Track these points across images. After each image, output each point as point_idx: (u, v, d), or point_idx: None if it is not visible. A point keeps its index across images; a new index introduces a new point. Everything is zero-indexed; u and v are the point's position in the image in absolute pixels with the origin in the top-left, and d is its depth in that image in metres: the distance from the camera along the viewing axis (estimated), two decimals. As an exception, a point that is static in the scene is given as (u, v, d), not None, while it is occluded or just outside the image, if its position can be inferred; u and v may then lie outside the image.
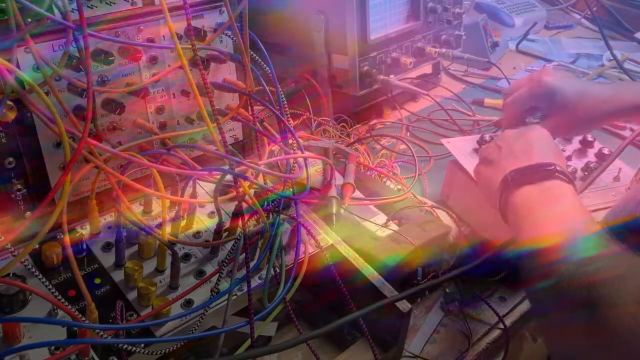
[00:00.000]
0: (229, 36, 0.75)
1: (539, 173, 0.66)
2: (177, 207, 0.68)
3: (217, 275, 0.61)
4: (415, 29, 1.13)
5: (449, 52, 1.17)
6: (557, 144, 0.73)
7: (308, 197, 0.74)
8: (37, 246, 0.58)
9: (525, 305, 0.79)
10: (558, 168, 0.66)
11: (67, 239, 0.54)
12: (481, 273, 0.79)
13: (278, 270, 0.65)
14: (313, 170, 0.85)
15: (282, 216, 0.66)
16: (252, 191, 0.63)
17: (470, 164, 0.87)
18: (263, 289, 0.62)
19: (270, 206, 0.66)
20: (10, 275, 0.58)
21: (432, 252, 0.75)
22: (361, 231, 0.75)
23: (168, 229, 0.66)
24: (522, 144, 0.71)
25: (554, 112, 0.84)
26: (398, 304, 0.64)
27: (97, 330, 0.52)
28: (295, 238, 0.68)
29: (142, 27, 0.68)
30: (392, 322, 0.66)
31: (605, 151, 0.90)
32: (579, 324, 0.53)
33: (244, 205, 0.62)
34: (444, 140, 0.94)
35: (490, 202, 0.72)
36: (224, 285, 0.61)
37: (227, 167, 0.59)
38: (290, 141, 0.73)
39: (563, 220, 0.61)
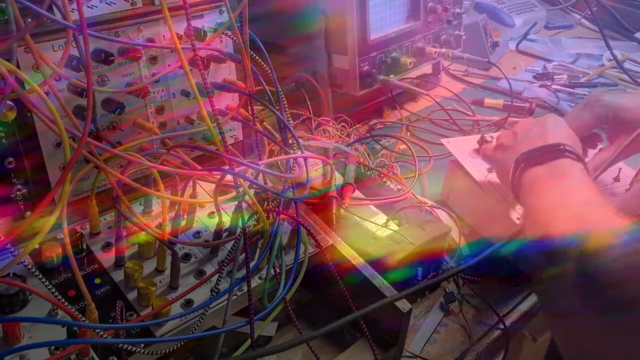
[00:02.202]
0: (229, 36, 0.75)
1: (548, 153, 0.67)
2: (177, 207, 0.68)
3: (217, 275, 0.61)
4: (415, 29, 1.13)
5: (449, 52, 1.17)
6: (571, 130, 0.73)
7: (308, 197, 0.74)
8: (37, 246, 0.58)
9: (525, 305, 0.79)
10: (567, 148, 0.67)
11: (67, 239, 0.54)
12: (481, 273, 0.79)
13: (278, 270, 0.65)
14: (313, 170, 0.85)
15: (282, 216, 0.66)
16: (252, 191, 0.63)
17: (470, 163, 0.87)
18: (263, 289, 0.62)
19: (270, 206, 0.66)
20: (10, 275, 0.58)
21: (432, 252, 0.75)
22: (361, 231, 0.75)
23: (168, 229, 0.66)
24: (537, 129, 0.72)
25: (619, 131, 0.79)
26: (398, 304, 0.64)
27: (97, 330, 0.52)
28: (295, 238, 0.68)
29: (142, 27, 0.68)
30: (392, 322, 0.66)
31: (606, 151, 0.89)
32: (605, 323, 0.51)
33: (244, 205, 0.62)
34: (444, 140, 0.94)
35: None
36: (224, 285, 0.61)
37: (227, 167, 0.59)
38: (290, 141, 0.73)
39: (568, 193, 0.62)
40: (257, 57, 0.72)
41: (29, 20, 0.52)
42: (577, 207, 0.60)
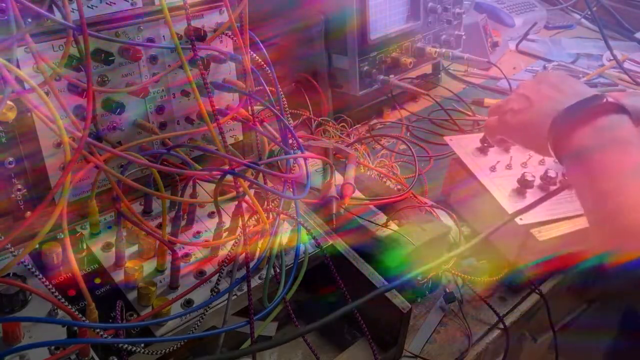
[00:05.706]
0: (229, 36, 0.75)
1: (590, 108, 0.58)
2: (177, 207, 0.68)
3: (217, 275, 0.61)
4: (415, 29, 1.13)
5: (449, 52, 1.17)
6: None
7: (308, 197, 0.74)
8: (37, 246, 0.58)
9: (525, 305, 0.79)
10: (609, 99, 0.59)
11: (67, 239, 0.54)
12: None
13: (278, 270, 0.65)
14: (313, 170, 0.85)
15: (282, 216, 0.66)
16: (252, 191, 0.63)
17: (472, 161, 0.87)
18: (263, 289, 0.62)
19: (270, 206, 0.66)
20: (10, 275, 0.58)
21: (432, 252, 0.75)
22: (361, 231, 0.75)
23: (168, 229, 0.66)
24: (548, 86, 0.65)
25: None
26: (398, 304, 0.64)
27: (97, 330, 0.52)
28: (295, 238, 0.68)
29: (142, 27, 0.68)
30: (392, 322, 0.66)
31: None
32: None
33: (244, 205, 0.62)
34: (447, 138, 0.94)
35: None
36: (224, 285, 0.61)
37: (227, 167, 0.59)
38: (290, 141, 0.73)
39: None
40: (257, 57, 0.72)
41: (29, 20, 0.52)
42: None
